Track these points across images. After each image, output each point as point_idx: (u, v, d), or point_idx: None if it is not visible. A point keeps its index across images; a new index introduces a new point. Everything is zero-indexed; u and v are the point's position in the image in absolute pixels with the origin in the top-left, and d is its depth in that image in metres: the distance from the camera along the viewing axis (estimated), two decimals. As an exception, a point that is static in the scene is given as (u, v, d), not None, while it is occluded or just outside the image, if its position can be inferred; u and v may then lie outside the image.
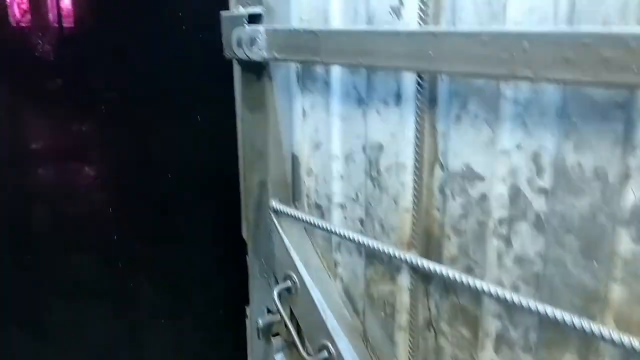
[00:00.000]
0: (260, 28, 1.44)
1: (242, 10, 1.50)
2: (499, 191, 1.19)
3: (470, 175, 1.23)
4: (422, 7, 1.20)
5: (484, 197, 1.22)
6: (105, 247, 2.92)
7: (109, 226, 2.91)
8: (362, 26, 1.35)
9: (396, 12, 1.29)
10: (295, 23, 1.53)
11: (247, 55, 1.46)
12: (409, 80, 1.30)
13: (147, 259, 2.73)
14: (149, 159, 2.64)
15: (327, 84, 1.52)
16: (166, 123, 2.53)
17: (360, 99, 1.44)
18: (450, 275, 1.25)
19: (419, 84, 1.25)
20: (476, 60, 1.01)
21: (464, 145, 1.22)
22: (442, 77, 1.22)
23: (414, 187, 1.33)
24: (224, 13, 1.54)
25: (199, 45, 2.27)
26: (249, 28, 1.45)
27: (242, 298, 2.10)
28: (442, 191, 1.31)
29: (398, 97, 1.34)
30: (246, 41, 1.45)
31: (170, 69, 2.48)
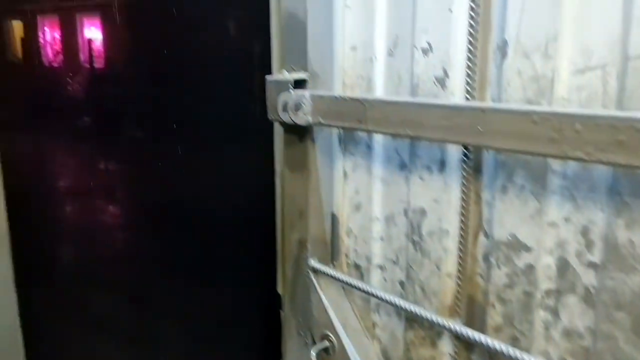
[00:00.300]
0: (306, 93, 1.48)
1: (288, 76, 1.55)
2: (546, 263, 1.18)
3: (516, 245, 1.23)
4: (469, 80, 1.23)
5: (530, 268, 1.22)
6: (134, 288, 2.94)
7: (138, 268, 2.94)
8: (407, 97, 1.39)
9: (440, 82, 1.32)
10: (338, 88, 1.58)
11: (292, 120, 1.50)
12: (453, 149, 1.32)
13: (175, 303, 2.74)
14: (181, 202, 2.68)
15: (369, 147, 1.55)
16: (199, 166, 2.58)
17: (403, 164, 1.46)
18: (496, 346, 1.23)
19: (464, 154, 1.27)
20: (526, 139, 1.03)
21: (509, 215, 1.23)
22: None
23: (459, 253, 1.34)
24: (269, 77, 1.59)
25: (233, 90, 2.34)
26: (294, 93, 1.49)
27: (274, 353, 2.09)
28: (486, 259, 1.31)
29: (442, 164, 1.36)
30: (291, 106, 1.50)
31: (201, 114, 2.55)
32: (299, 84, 1.54)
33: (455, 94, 1.30)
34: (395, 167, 1.49)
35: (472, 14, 1.19)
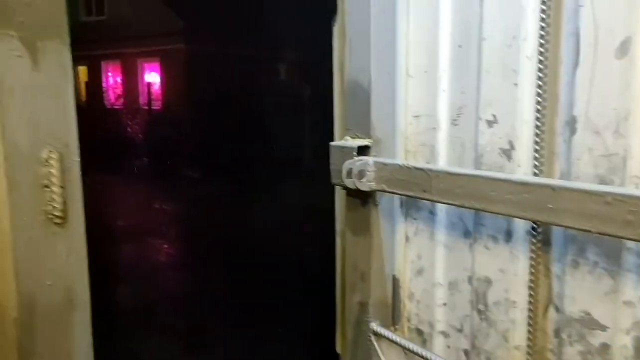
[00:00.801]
0: (370, 161, 1.52)
1: (352, 142, 1.60)
2: (622, 343, 1.15)
3: (590, 323, 1.20)
4: (536, 155, 1.23)
5: (605, 347, 1.18)
6: (188, 335, 2.99)
7: (193, 314, 2.99)
8: (471, 168, 1.40)
9: (506, 154, 1.33)
10: (401, 154, 1.61)
11: (356, 186, 1.53)
12: (521, 220, 1.31)
13: (232, 357, 2.77)
14: (239, 249, 2.74)
15: (431, 212, 1.56)
16: (258, 215, 2.64)
17: (467, 231, 1.46)
18: None
19: (533, 227, 1.26)
20: (599, 219, 1.02)
21: (582, 291, 1.21)
22: (557, 221, 1.23)
23: (528, 327, 1.31)
24: (332, 144, 1.64)
25: (291, 141, 2.40)
26: (359, 160, 1.53)
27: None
28: (557, 334, 1.28)
29: (508, 235, 1.35)
30: (356, 173, 1.53)
31: (258, 157, 2.63)
32: (362, 150, 1.58)
33: (522, 166, 1.30)
34: (459, 234, 1.49)
35: (539, 90, 1.21)
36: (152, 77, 17.11)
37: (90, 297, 1.26)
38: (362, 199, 1.64)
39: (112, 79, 17.91)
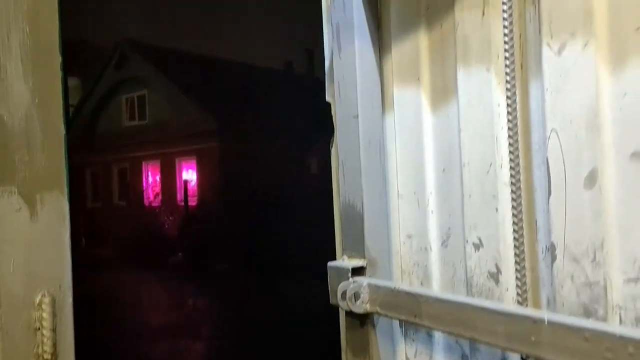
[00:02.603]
0: (364, 282, 1.53)
1: (347, 263, 1.62)
2: None
3: None
4: (519, 282, 1.23)
5: None
6: None
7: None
8: (462, 294, 1.40)
9: (494, 277, 1.33)
10: (396, 273, 1.62)
11: (350, 309, 1.54)
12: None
13: None
14: (266, 341, 2.70)
15: (429, 335, 1.54)
16: (282, 307, 2.63)
17: (464, 355, 1.43)
18: None
19: (522, 358, 1.23)
20: (579, 355, 0.99)
21: None
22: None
23: None
24: (330, 264, 1.67)
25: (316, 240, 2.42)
26: (353, 283, 1.55)
27: None
28: None
29: (503, 362, 1.32)
30: (350, 295, 1.54)
31: (290, 253, 2.65)
32: (358, 270, 1.60)
33: (510, 291, 1.29)
34: (457, 357, 1.45)
35: (515, 219, 1.23)
36: (189, 175, 17.82)
37: None
38: (360, 319, 1.63)
39: (152, 178, 18.72)
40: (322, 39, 1.86)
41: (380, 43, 1.66)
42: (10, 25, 1.12)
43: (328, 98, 1.83)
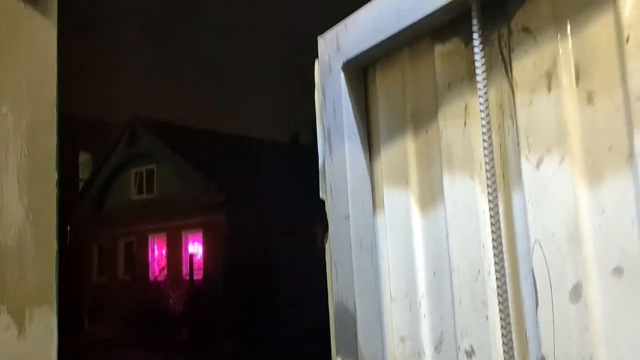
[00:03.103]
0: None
1: (340, 368, 1.59)
2: None
3: None
4: (512, 396, 1.20)
5: None
6: None
7: None
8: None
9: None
10: (391, 378, 1.58)
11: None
12: None
13: None
14: None
15: None
16: None
17: None
18: None
19: None
20: None
21: None
22: None
23: None
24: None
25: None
26: (346, 389, 1.51)
27: None
28: None
29: None
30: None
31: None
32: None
33: (502, 401, 1.26)
34: None
35: (503, 331, 1.21)
36: (195, 248, 17.73)
37: None
38: None
39: (157, 252, 18.63)
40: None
41: (370, 146, 1.71)
42: (9, 145, 1.17)
43: (322, 195, 1.86)
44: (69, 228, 20.22)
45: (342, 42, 1.67)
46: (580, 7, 1.14)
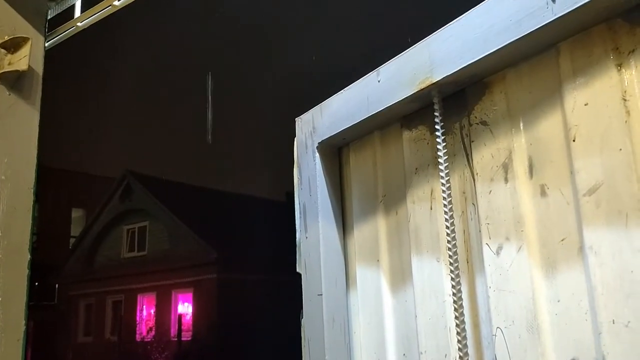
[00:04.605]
0: None
1: None
2: None
3: None
4: None
5: None
6: None
7: None
8: None
9: None
10: None
11: None
12: None
13: None
14: None
15: None
16: None
17: None
18: None
19: None
20: None
21: None
22: None
23: None
24: None
25: None
26: None
27: None
28: None
29: None
30: None
31: None
32: None
33: None
34: None
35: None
36: (185, 308, 17.38)
37: None
38: None
39: (146, 311, 18.25)
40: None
41: (344, 223, 1.75)
42: (-16, 229, 1.21)
43: (298, 269, 1.89)
44: (57, 286, 19.87)
45: (317, 123, 1.75)
46: (532, 105, 1.21)
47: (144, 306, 18.04)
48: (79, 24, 1.40)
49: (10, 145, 1.27)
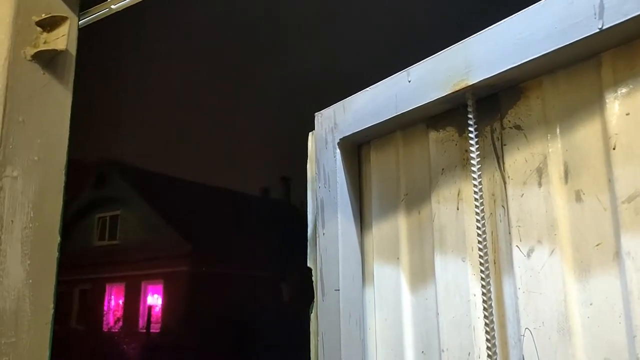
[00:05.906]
0: None
1: None
2: None
3: None
4: None
5: None
6: None
7: None
8: None
9: None
10: None
11: None
12: None
13: None
14: None
15: None
16: None
17: None
18: None
19: None
20: None
21: None
22: None
23: None
24: None
25: None
26: None
27: None
28: None
29: None
30: None
31: None
32: None
33: None
34: None
35: (495, 416, 1.24)
36: (154, 300, 17.17)
37: None
38: None
39: (114, 302, 17.97)
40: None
41: (362, 220, 1.76)
42: (17, 208, 1.18)
43: (309, 263, 1.89)
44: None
45: (339, 120, 1.75)
46: (569, 112, 1.24)
47: (112, 296, 17.76)
48: (112, 6, 1.37)
49: (43, 126, 1.24)
